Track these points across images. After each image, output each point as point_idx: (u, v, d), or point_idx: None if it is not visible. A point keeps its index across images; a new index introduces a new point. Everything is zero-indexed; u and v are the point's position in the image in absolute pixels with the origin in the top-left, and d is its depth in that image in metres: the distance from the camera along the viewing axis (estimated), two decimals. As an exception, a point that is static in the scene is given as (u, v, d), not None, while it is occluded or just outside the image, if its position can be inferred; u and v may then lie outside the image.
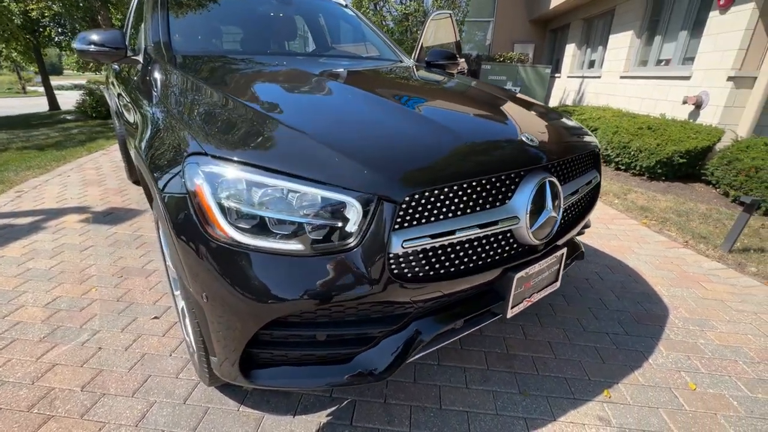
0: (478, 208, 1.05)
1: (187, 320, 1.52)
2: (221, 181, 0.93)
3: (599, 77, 7.85)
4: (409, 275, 0.97)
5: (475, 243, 1.07)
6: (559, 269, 1.36)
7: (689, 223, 3.31)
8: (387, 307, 1.00)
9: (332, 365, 1.05)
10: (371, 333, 1.03)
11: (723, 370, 1.65)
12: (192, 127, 1.05)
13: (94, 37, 1.76)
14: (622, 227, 3.22)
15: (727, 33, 4.60)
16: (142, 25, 1.91)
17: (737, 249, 2.81)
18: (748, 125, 4.44)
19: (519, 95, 1.86)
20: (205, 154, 0.96)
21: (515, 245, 1.17)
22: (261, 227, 0.92)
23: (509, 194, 1.11)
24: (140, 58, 1.77)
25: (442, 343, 1.15)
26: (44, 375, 1.50)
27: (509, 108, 1.53)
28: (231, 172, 0.93)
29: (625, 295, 2.20)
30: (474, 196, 1.04)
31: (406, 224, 0.94)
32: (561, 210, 1.23)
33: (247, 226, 0.92)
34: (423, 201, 0.95)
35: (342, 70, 1.91)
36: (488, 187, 1.06)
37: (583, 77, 8.66)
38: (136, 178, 3.73)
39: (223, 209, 0.92)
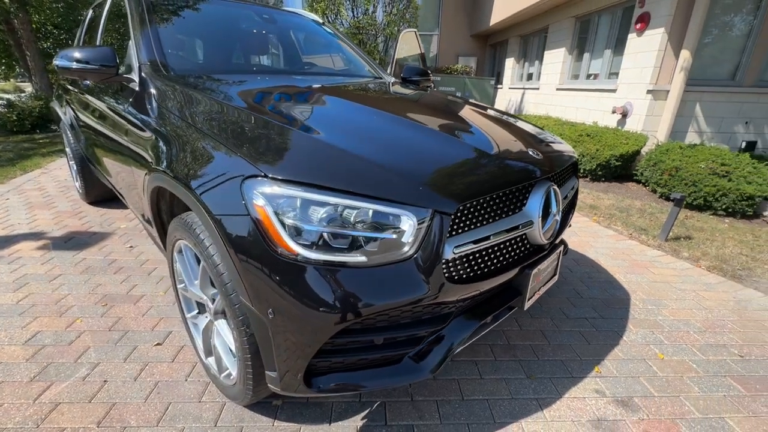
0: (503, 215, 1.21)
1: (199, 341, 1.52)
2: (284, 202, 0.98)
3: (538, 89, 8.62)
4: (456, 278, 1.10)
5: (502, 246, 1.22)
6: (557, 264, 1.57)
7: (630, 218, 3.80)
8: (436, 308, 1.12)
9: (385, 367, 1.14)
10: (420, 333, 1.13)
11: (680, 340, 1.97)
12: (241, 149, 1.08)
13: (81, 54, 1.68)
14: (577, 224, 3.61)
15: (643, 53, 5.35)
16: (130, 42, 1.84)
17: (671, 238, 3.29)
18: (666, 131, 5.20)
19: (506, 111, 2.07)
20: (264, 176, 1.01)
21: (528, 246, 1.35)
22: (325, 243, 0.99)
23: (524, 202, 1.29)
24: (134, 76, 1.72)
25: (475, 338, 1.28)
26: (49, 416, 1.40)
27: (510, 124, 1.72)
28: (293, 192, 0.99)
29: (593, 284, 2.51)
30: (501, 205, 1.20)
31: (454, 233, 1.07)
32: (560, 213, 1.43)
33: (312, 242, 0.98)
34: (466, 212, 1.09)
35: (353, 88, 2.01)
36: (510, 196, 1.23)
37: (524, 89, 9.45)
38: (93, 198, 3.46)
39: (287, 227, 0.98)
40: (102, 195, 3.46)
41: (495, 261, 1.20)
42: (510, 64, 10.51)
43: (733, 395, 1.62)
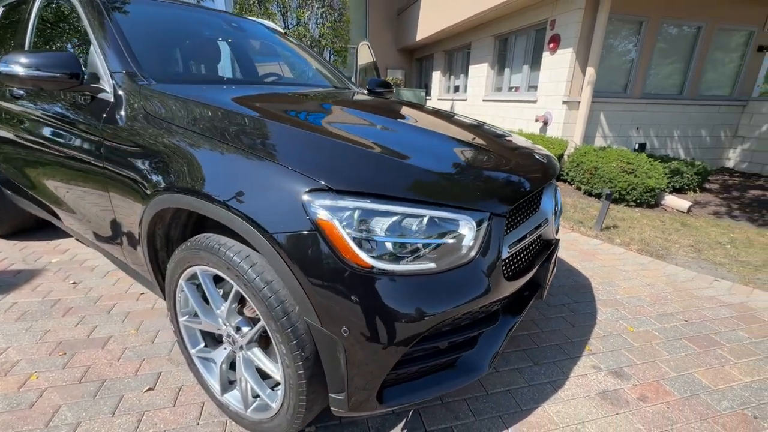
0: (529, 215, 1.32)
1: (212, 377, 1.42)
2: (349, 214, 0.96)
3: (466, 100, 9.31)
4: (507, 274, 1.17)
5: (531, 243, 1.33)
6: (557, 257, 1.73)
7: (566, 212, 4.30)
8: (490, 306, 1.17)
9: (443, 372, 1.16)
10: (473, 333, 1.18)
11: (639, 313, 2.30)
12: (295, 163, 1.03)
13: (35, 59, 1.43)
14: (527, 222, 3.98)
15: (557, 69, 6.13)
16: (91, 49, 1.61)
17: (604, 228, 3.81)
18: (580, 136, 5.99)
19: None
20: (328, 189, 0.97)
21: (542, 242, 1.48)
22: (394, 253, 0.99)
23: (539, 202, 1.42)
24: (105, 87, 1.50)
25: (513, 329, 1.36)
26: (33, 496, 1.14)
27: (507, 135, 1.86)
28: (358, 204, 0.97)
29: (558, 274, 2.79)
30: (528, 206, 1.31)
31: (506, 233, 1.14)
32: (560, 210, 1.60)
33: (382, 254, 0.98)
34: (513, 213, 1.17)
35: (362, 99, 2.01)
36: (533, 198, 1.35)
37: (453, 99, 10.13)
38: (6, 231, 2.89)
39: (355, 240, 0.96)
40: (18, 226, 2.91)
41: (528, 257, 1.31)
42: (437, 77, 11.20)
43: (691, 353, 1.94)
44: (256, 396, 1.34)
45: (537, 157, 1.54)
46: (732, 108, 6.86)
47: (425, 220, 1.02)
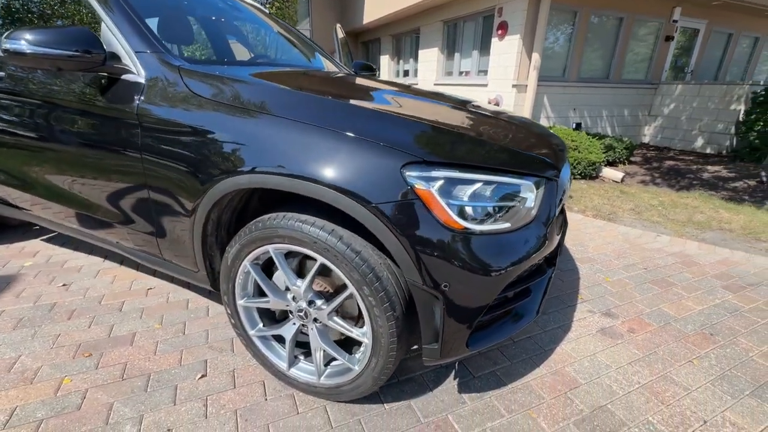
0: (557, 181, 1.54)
1: (276, 355, 1.49)
2: (444, 182, 1.09)
3: (417, 84, 9.54)
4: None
5: (561, 206, 1.55)
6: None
7: (527, 187, 4.75)
8: (542, 258, 1.37)
9: (507, 318, 1.34)
10: (529, 283, 1.37)
11: (609, 266, 2.71)
12: (389, 140, 1.11)
13: (47, 36, 1.31)
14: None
15: (506, 54, 6.56)
16: (103, 27, 1.48)
17: (562, 198, 4.28)
18: (529, 118, 6.52)
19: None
20: (423, 161, 1.09)
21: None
22: (477, 215, 1.13)
23: (559, 172, 1.64)
24: (132, 67, 1.42)
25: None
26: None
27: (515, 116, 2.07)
28: (450, 173, 1.10)
29: (537, 239, 3.14)
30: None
31: (552, 195, 1.34)
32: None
33: (468, 216, 1.12)
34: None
35: (390, 83, 2.08)
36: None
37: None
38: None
39: (449, 205, 1.09)
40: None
41: (562, 216, 1.53)
42: (385, 60, 11.27)
43: (656, 293, 2.36)
44: (326, 364, 1.42)
45: (555, 135, 1.77)
46: (647, 90, 7.90)
47: (498, 185, 1.17)
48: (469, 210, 1.12)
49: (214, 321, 1.91)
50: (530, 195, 1.23)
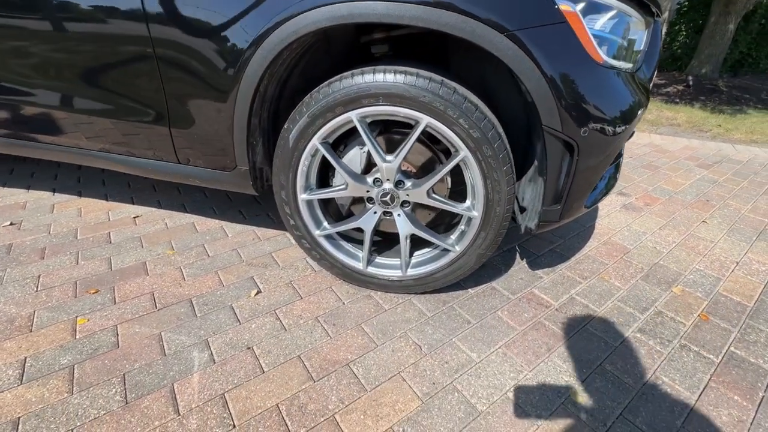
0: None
1: (343, 255, 1.32)
2: (587, 5, 0.92)
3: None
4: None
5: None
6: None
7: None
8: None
9: (600, 183, 1.29)
10: (620, 154, 1.31)
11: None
12: None
13: None
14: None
15: None
16: None
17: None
18: None
19: None
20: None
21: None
22: (613, 51, 0.99)
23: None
24: None
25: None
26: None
27: None
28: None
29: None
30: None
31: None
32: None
33: (609, 50, 0.98)
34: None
35: None
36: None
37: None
38: None
39: (593, 36, 0.93)
40: None
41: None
42: None
43: (650, 175, 2.54)
44: (410, 254, 1.28)
45: None
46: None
47: (624, 17, 1.03)
48: (605, 41, 0.97)
49: (239, 240, 1.63)
50: (643, 34, 1.12)
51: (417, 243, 1.28)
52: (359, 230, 1.29)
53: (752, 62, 6.77)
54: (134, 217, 1.76)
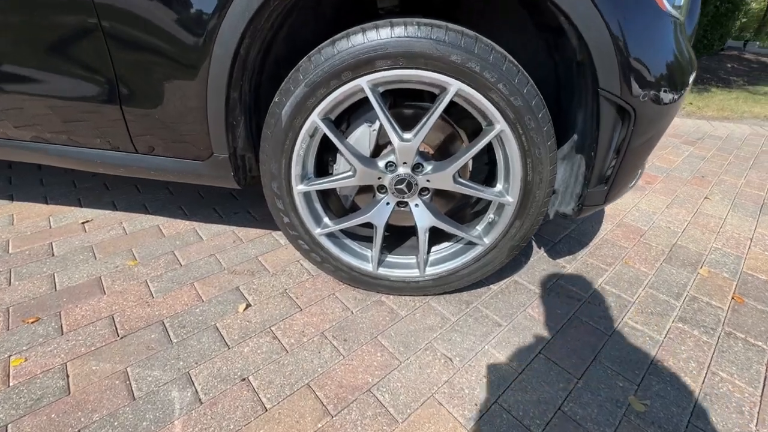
0: None
1: (348, 255, 1.12)
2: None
3: None
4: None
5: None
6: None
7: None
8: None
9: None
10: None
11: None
12: None
13: None
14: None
15: None
16: None
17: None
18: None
19: None
20: None
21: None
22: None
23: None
24: None
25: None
26: None
27: None
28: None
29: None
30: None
31: None
32: None
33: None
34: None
35: None
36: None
37: None
38: None
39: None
40: None
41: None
42: None
43: (641, 153, 2.49)
44: (427, 250, 1.10)
45: None
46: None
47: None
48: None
49: (217, 243, 1.38)
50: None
51: (432, 238, 1.10)
52: (363, 226, 1.09)
53: (707, 44, 7.06)
54: (83, 223, 1.46)
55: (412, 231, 1.21)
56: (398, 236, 1.23)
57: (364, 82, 0.82)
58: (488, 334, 1.05)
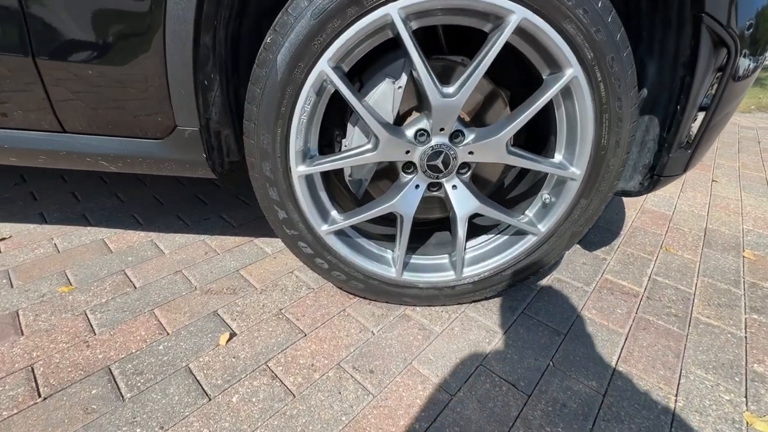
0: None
1: (363, 259, 0.85)
2: None
3: None
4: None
5: None
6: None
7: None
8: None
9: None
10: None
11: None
12: None
13: None
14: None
15: None
16: None
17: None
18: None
19: None
20: None
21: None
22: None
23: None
24: None
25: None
26: None
27: None
28: None
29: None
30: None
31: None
32: None
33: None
34: None
35: None
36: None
37: None
38: None
39: None
40: None
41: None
42: None
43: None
44: (462, 246, 0.87)
45: None
46: None
47: None
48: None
49: (184, 257, 1.07)
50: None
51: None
52: (375, 223, 0.85)
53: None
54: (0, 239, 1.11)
55: (429, 227, 0.98)
56: (413, 234, 0.99)
57: (394, 10, 0.59)
58: (549, 347, 0.83)
